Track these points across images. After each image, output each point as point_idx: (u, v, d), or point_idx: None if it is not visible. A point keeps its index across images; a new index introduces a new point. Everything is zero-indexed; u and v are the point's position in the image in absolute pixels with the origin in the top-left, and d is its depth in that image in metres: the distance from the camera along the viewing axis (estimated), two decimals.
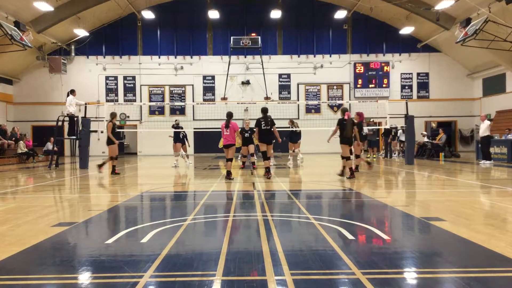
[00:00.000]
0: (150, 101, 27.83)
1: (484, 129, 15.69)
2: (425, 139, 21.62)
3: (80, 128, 15.68)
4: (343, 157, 10.69)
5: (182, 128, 16.55)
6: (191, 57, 28.33)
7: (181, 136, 16.85)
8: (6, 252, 3.85)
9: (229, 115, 10.95)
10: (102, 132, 18.38)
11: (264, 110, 11.37)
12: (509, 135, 17.84)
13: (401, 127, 19.86)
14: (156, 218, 5.58)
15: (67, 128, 16.50)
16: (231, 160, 10.94)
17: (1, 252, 3.84)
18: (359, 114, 12.88)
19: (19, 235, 4.59)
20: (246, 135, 13.38)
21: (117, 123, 15.53)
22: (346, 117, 10.67)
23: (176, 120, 17.05)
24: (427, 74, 28.55)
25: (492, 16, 18.68)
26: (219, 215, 5.90)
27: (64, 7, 23.30)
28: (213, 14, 26.47)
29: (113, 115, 12.73)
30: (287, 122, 17.20)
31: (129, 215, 6.25)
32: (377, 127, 21.91)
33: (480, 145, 16.47)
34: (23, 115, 27.46)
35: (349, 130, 10.62)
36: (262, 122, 11.24)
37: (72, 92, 16.03)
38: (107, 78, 28.19)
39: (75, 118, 15.85)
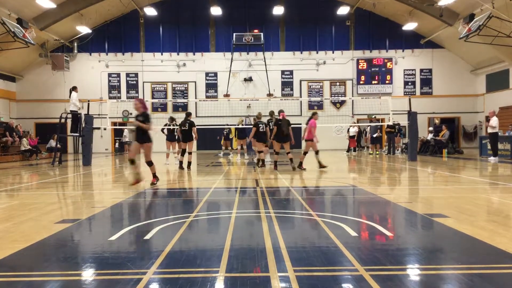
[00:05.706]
0: (153, 98, 27.83)
1: (495, 125, 15.51)
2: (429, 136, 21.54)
3: (83, 125, 15.71)
4: (277, 153, 12.59)
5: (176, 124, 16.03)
6: (194, 54, 28.30)
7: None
8: (10, 248, 3.87)
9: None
10: (105, 129, 18.41)
11: (259, 116, 13.89)
12: None
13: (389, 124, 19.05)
14: (159, 215, 5.60)
15: (70, 125, 16.54)
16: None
17: (5, 249, 3.86)
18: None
19: (23, 231, 4.61)
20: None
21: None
22: (281, 117, 12.23)
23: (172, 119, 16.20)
24: (430, 70, 28.44)
25: (496, 11, 18.59)
26: (222, 212, 5.91)
27: (67, 4, 23.32)
28: (216, 11, 26.43)
29: (259, 115, 14.07)
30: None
31: (132, 212, 6.27)
32: (380, 124, 21.84)
33: (489, 141, 16.28)
34: (26, 112, 27.54)
35: (284, 129, 12.08)
36: (260, 125, 13.31)
37: (74, 88, 16.05)
38: (109, 75, 28.21)
39: (78, 115, 15.89)
